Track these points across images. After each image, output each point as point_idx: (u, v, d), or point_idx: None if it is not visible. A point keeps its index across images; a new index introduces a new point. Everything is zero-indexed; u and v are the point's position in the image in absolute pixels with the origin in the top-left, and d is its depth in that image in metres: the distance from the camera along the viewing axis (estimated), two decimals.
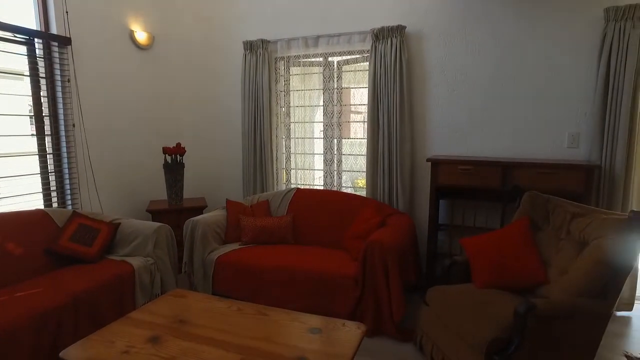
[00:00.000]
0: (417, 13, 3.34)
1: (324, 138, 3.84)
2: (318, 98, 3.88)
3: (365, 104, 3.56)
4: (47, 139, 3.09)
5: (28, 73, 2.96)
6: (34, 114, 3.02)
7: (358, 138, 3.91)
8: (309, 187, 3.99)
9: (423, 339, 2.39)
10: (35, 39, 2.96)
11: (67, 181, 3.20)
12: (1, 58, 2.80)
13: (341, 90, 3.75)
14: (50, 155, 3.11)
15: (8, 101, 3.00)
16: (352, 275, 2.68)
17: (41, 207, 2.96)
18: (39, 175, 3.06)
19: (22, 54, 2.92)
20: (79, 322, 2.26)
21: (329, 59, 3.73)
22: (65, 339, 2.13)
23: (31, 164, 3.05)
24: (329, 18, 3.62)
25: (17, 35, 2.84)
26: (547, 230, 2.38)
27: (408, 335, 2.58)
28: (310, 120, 3.97)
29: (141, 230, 2.90)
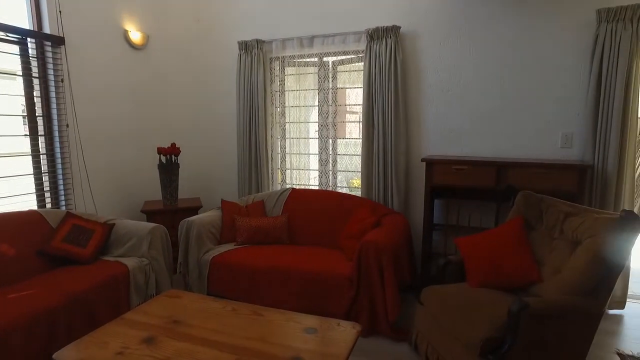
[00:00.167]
0: (412, 13, 3.35)
1: (319, 138, 3.84)
2: (313, 98, 3.88)
3: (360, 104, 3.57)
4: (41, 139, 3.07)
5: (21, 73, 2.93)
6: (27, 114, 2.99)
7: (353, 138, 3.92)
8: (304, 187, 3.99)
9: (418, 338, 2.40)
10: (28, 39, 2.94)
11: (61, 182, 3.17)
12: None
13: (336, 90, 3.75)
14: (43, 156, 3.09)
15: (0, 101, 2.98)
16: (347, 275, 2.68)
17: (34, 208, 2.94)
18: (32, 175, 3.04)
19: (15, 54, 2.89)
20: (73, 324, 2.24)
21: (324, 59, 3.73)
22: (59, 340, 2.11)
23: (24, 165, 3.03)
24: (324, 18, 3.63)
25: (10, 35, 2.82)
26: (541, 230, 2.40)
27: (403, 334, 2.59)
28: (306, 121, 3.98)
29: (136, 230, 2.88)
